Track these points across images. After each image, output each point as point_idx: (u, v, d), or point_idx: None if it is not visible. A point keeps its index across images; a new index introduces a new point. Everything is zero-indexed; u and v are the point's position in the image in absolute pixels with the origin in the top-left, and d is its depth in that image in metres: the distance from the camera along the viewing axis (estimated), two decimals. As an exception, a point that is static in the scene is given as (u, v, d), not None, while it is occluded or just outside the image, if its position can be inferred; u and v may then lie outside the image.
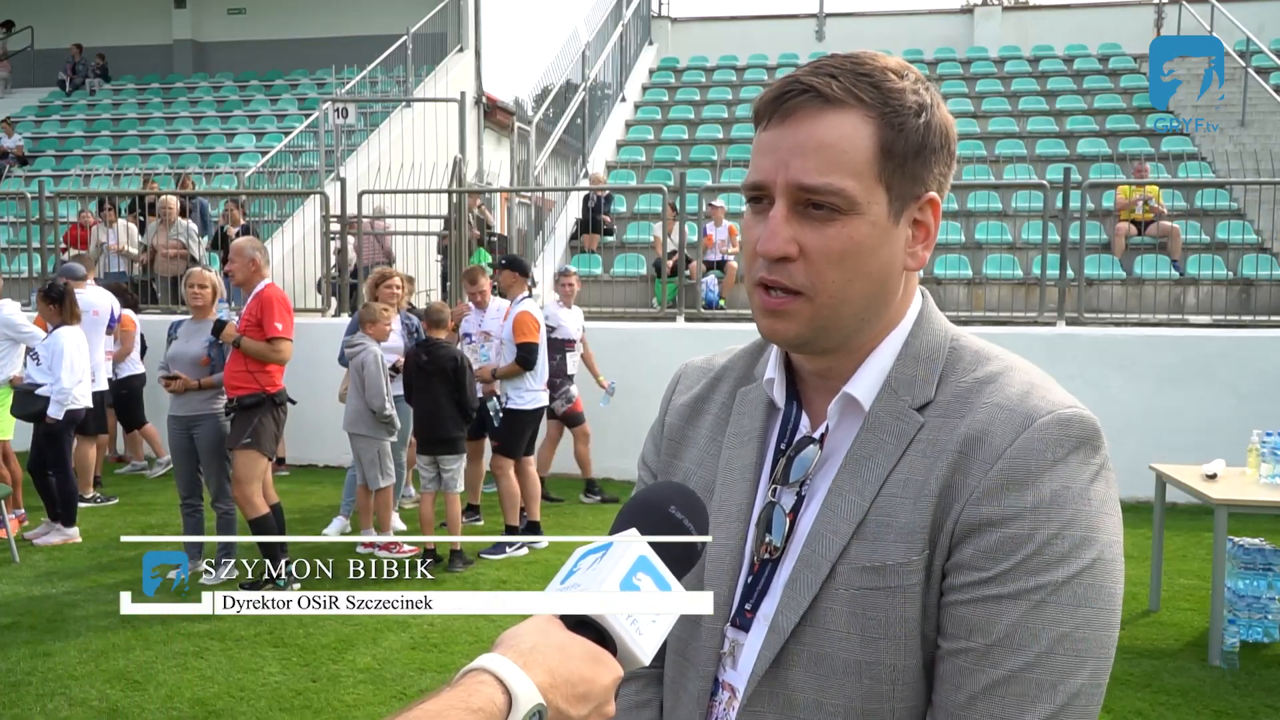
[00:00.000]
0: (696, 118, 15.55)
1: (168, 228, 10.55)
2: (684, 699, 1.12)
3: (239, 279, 5.86)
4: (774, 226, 1.00)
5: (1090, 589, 0.93)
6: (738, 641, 1.08)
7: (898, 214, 1.02)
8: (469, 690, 0.76)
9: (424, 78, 15.42)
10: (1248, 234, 10.76)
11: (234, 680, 4.49)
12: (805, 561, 1.02)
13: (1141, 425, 7.40)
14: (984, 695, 0.92)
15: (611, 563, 0.87)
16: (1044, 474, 0.94)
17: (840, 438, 1.06)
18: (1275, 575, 4.81)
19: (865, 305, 1.02)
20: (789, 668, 1.02)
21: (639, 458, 1.30)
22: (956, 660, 0.95)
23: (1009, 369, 1.03)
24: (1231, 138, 12.80)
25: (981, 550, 0.94)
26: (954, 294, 10.49)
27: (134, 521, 7.33)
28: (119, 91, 19.12)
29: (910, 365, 1.05)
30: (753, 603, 1.07)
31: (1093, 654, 0.92)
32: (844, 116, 0.99)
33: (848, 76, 1.00)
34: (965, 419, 0.99)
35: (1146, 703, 4.26)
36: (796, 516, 1.06)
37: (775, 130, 1.02)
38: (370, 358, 6.18)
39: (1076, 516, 0.93)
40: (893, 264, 1.03)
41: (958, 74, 16.11)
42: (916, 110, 1.01)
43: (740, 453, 1.13)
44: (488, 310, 7.06)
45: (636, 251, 11.68)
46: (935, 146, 1.03)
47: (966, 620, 0.94)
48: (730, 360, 1.24)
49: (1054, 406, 0.97)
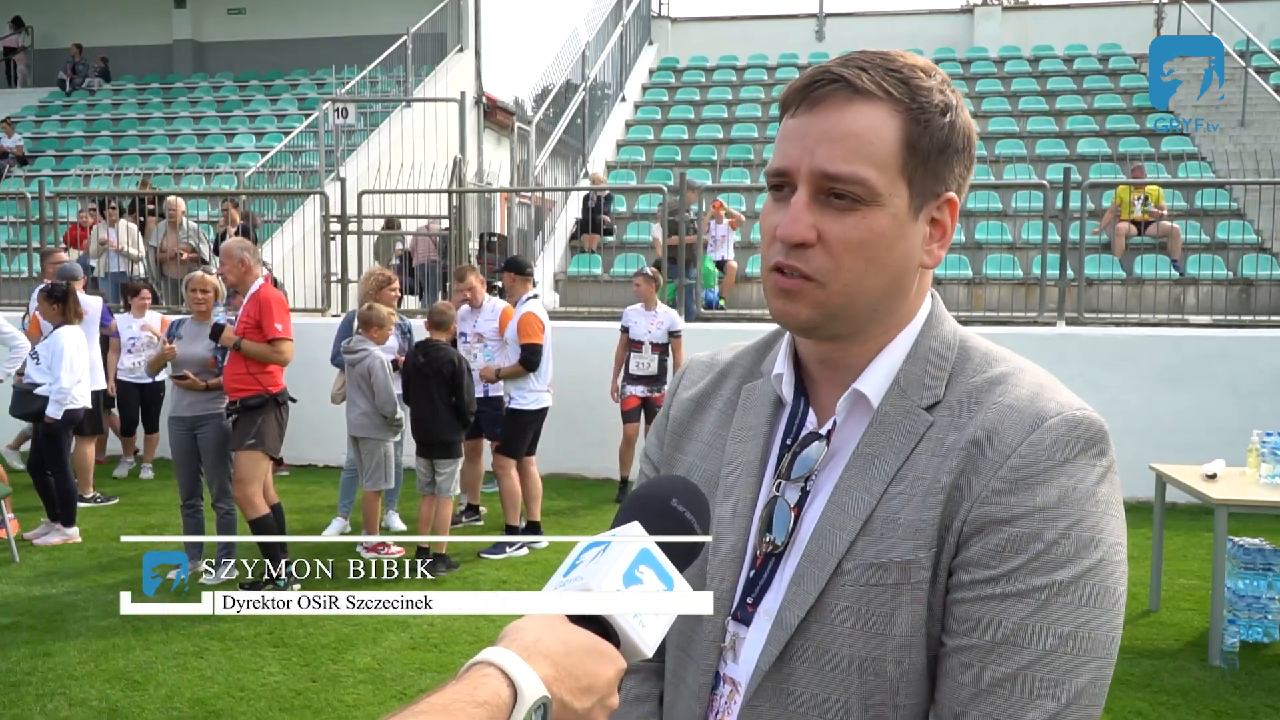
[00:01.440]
0: (696, 118, 15.56)
1: (176, 229, 10.54)
2: (684, 693, 1.12)
3: (230, 280, 5.88)
4: (795, 212, 1.00)
5: (1095, 589, 0.93)
6: (739, 635, 1.08)
7: (917, 209, 1.03)
8: (474, 684, 0.76)
9: (424, 78, 15.42)
10: (1248, 234, 10.76)
11: (234, 680, 4.49)
12: (811, 557, 1.02)
13: (1141, 425, 7.40)
14: (988, 692, 0.93)
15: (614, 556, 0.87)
16: (1053, 474, 0.94)
17: (847, 434, 1.06)
18: (1275, 575, 4.81)
19: (879, 297, 1.03)
20: (793, 663, 1.02)
21: (642, 452, 1.30)
22: (961, 657, 0.95)
23: (1018, 370, 1.03)
24: (1231, 138, 12.80)
25: (989, 548, 0.95)
26: (954, 294, 10.49)
27: (134, 521, 7.33)
28: (119, 91, 19.12)
29: (920, 364, 1.05)
30: (754, 597, 1.07)
31: (1096, 654, 0.93)
32: (872, 108, 1.00)
33: (878, 70, 1.01)
34: (975, 419, 0.99)
35: (1146, 703, 4.26)
36: (801, 512, 1.06)
37: (803, 118, 1.02)
38: (377, 363, 6.17)
39: (1083, 517, 0.94)
40: (909, 259, 1.04)
41: (958, 74, 16.11)
42: (943, 109, 1.02)
43: (745, 447, 1.13)
44: (482, 312, 7.00)
45: (636, 251, 11.68)
46: (958, 147, 1.04)
47: (972, 618, 0.95)
48: (736, 356, 1.24)
49: (1063, 408, 0.98)
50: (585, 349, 8.06)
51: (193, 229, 10.71)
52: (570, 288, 11.71)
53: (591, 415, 7.98)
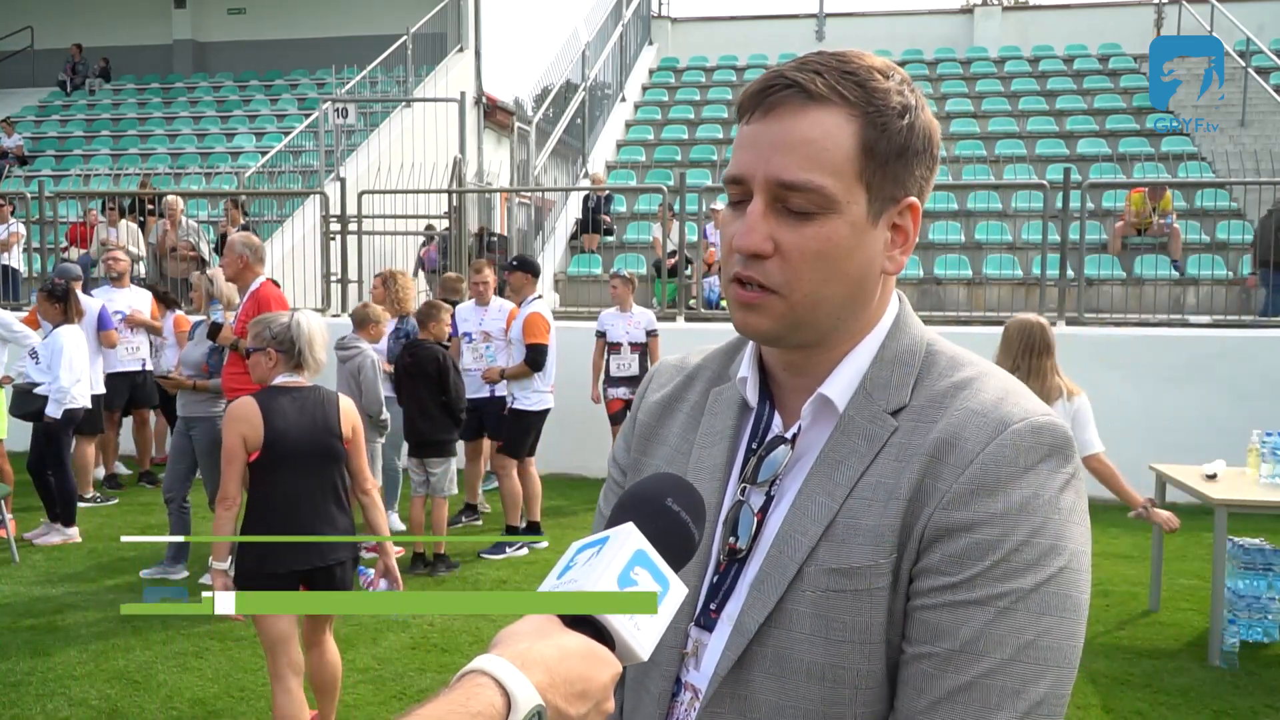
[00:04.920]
0: (696, 118, 15.56)
1: (175, 228, 10.54)
2: (645, 699, 1.11)
3: (229, 275, 5.79)
4: (751, 222, 0.99)
5: (1056, 597, 0.92)
6: (701, 641, 1.07)
7: (877, 215, 1.01)
8: (467, 694, 0.75)
9: (424, 78, 15.42)
10: (1248, 234, 10.75)
11: (234, 680, 4.49)
12: (772, 562, 1.01)
13: (1141, 425, 7.40)
14: (946, 701, 0.92)
15: (608, 557, 0.86)
16: (1015, 480, 0.93)
17: (812, 439, 1.05)
18: (1275, 575, 4.81)
19: (841, 305, 1.02)
20: (751, 669, 1.01)
21: (609, 455, 1.30)
22: (920, 665, 0.94)
23: (983, 375, 1.02)
24: (1231, 138, 12.80)
25: (950, 555, 0.94)
26: (954, 294, 10.49)
27: (134, 521, 7.33)
28: (119, 91, 19.13)
29: (886, 369, 1.04)
30: (717, 602, 1.06)
31: (1057, 662, 0.91)
32: (827, 114, 0.98)
33: (833, 74, 0.99)
34: (938, 423, 0.98)
35: (1146, 703, 4.26)
36: (765, 516, 1.05)
37: (757, 125, 1.00)
38: (368, 362, 6.17)
39: (1045, 524, 0.93)
40: (870, 266, 1.02)
41: (958, 74, 16.11)
42: (900, 111, 1.00)
43: (711, 452, 1.12)
44: (489, 310, 6.97)
45: (636, 251, 11.68)
46: (918, 149, 1.02)
47: (932, 625, 0.94)
48: (705, 360, 1.23)
49: (1027, 414, 0.97)
50: (585, 349, 8.05)
51: (192, 227, 10.71)
52: (570, 288, 11.71)
53: (592, 415, 7.97)
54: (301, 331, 3.48)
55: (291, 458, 3.38)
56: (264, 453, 3.36)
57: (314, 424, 3.46)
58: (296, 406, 3.45)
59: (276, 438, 3.36)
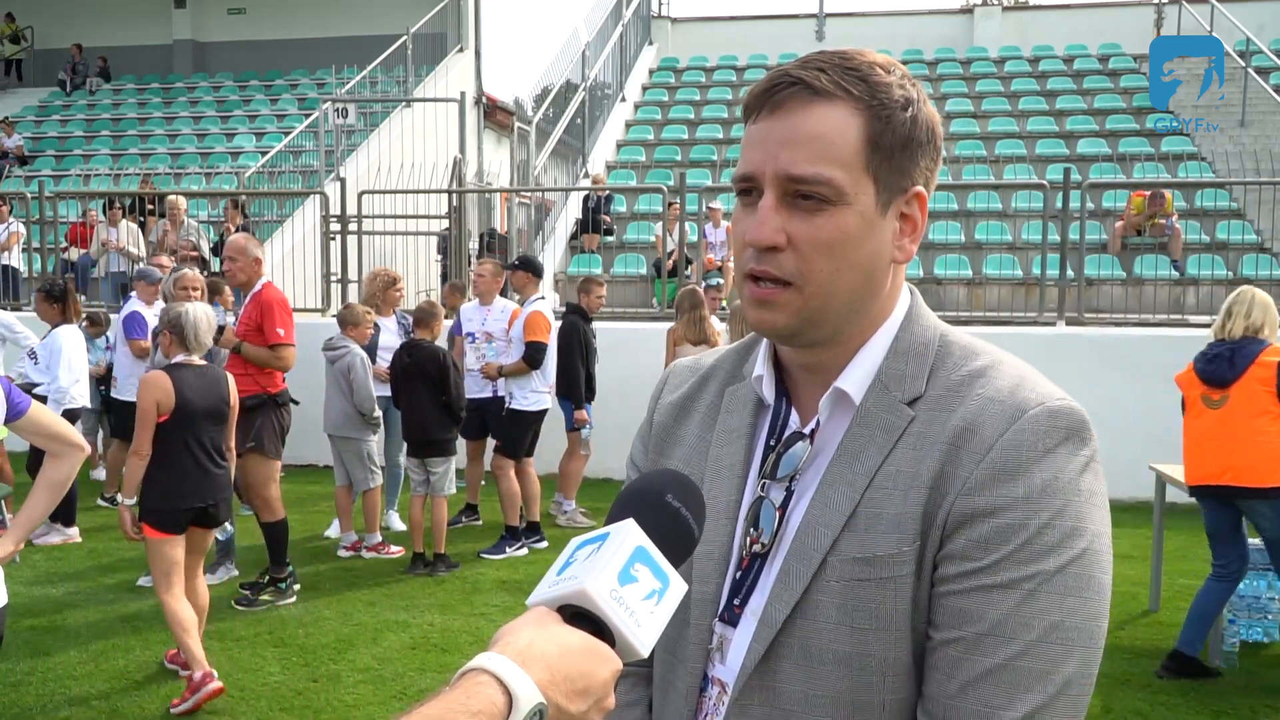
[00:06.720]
0: (696, 118, 15.56)
1: (176, 228, 10.54)
2: (673, 696, 1.12)
3: (241, 279, 5.66)
4: (763, 216, 1.01)
5: (1080, 579, 0.94)
6: (726, 636, 1.08)
7: (885, 205, 1.03)
8: (468, 692, 0.75)
9: (424, 78, 15.42)
10: (1248, 234, 10.76)
11: (234, 680, 4.49)
12: (796, 554, 1.03)
13: (1141, 425, 7.38)
14: (976, 684, 0.93)
15: (608, 554, 0.86)
16: (1035, 464, 0.95)
17: (830, 433, 1.07)
18: (1275, 575, 4.81)
19: (853, 296, 1.03)
20: (778, 660, 1.02)
21: (628, 458, 1.31)
22: (948, 650, 0.96)
23: (998, 363, 1.04)
24: (1231, 138, 12.80)
25: (973, 540, 0.95)
26: (954, 294, 10.49)
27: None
28: (119, 91, 19.13)
29: (900, 360, 1.05)
30: (741, 598, 1.07)
31: (1083, 643, 0.93)
32: (832, 108, 1.00)
33: (836, 70, 1.01)
34: (956, 412, 1.00)
35: (1146, 703, 4.27)
36: (786, 511, 1.06)
37: (765, 123, 1.03)
38: (357, 361, 6.16)
39: (1066, 507, 0.94)
40: (880, 255, 1.04)
41: (958, 74, 16.11)
42: (903, 104, 1.02)
43: (728, 450, 1.14)
44: (492, 310, 6.91)
45: (636, 251, 11.68)
46: (922, 141, 1.04)
47: (958, 610, 0.95)
48: (719, 359, 1.25)
49: (1044, 398, 0.98)
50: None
51: (193, 227, 10.71)
52: (571, 288, 11.69)
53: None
54: (189, 319, 4.27)
55: (192, 420, 4.23)
56: (172, 415, 4.17)
57: (211, 394, 4.32)
58: (199, 380, 4.29)
59: (184, 404, 4.19)
